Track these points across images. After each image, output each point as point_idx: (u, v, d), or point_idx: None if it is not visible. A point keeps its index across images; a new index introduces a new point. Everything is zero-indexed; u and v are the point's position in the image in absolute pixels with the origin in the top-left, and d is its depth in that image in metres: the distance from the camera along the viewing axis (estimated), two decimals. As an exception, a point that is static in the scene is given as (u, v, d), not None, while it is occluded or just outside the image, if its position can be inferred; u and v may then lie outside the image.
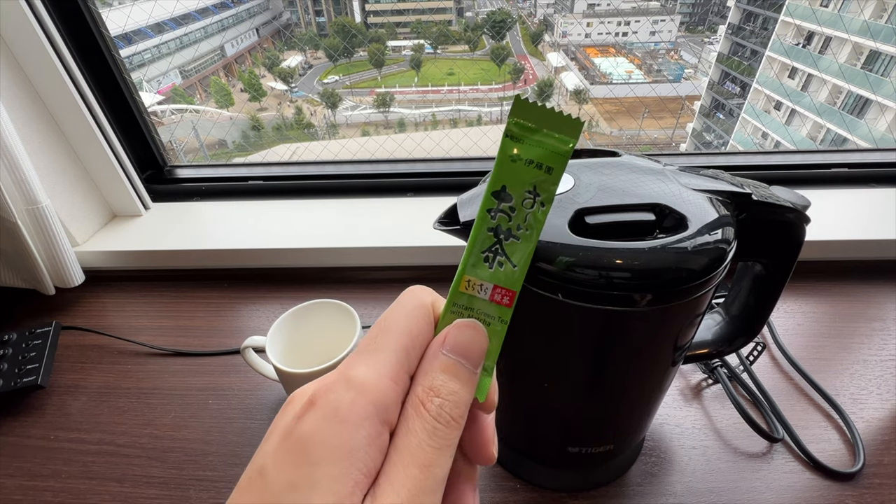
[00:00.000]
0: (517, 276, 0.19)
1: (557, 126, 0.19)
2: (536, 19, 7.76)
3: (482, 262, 0.19)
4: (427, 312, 0.19)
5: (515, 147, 0.19)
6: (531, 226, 0.19)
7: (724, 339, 0.42)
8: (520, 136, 0.19)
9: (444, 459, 0.17)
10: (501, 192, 0.19)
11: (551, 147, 0.19)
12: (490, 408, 0.20)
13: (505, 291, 0.19)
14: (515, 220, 0.19)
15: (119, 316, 0.66)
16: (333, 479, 0.15)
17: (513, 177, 0.19)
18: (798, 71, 5.06)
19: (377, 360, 0.17)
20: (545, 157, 0.18)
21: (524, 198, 0.19)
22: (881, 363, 0.54)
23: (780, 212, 0.34)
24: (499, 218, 0.19)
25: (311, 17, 7.10)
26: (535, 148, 0.19)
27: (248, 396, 0.54)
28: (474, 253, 0.19)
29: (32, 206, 0.58)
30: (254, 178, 0.80)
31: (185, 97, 4.42)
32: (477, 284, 0.19)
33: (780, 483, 0.44)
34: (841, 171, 0.75)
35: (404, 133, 5.49)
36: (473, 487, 0.20)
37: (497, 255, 0.19)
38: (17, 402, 0.54)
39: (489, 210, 0.19)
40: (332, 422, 0.16)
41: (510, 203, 0.19)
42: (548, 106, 0.18)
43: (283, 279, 0.70)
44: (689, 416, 0.50)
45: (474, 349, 0.18)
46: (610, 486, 0.44)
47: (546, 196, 0.19)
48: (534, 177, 0.19)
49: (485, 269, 0.19)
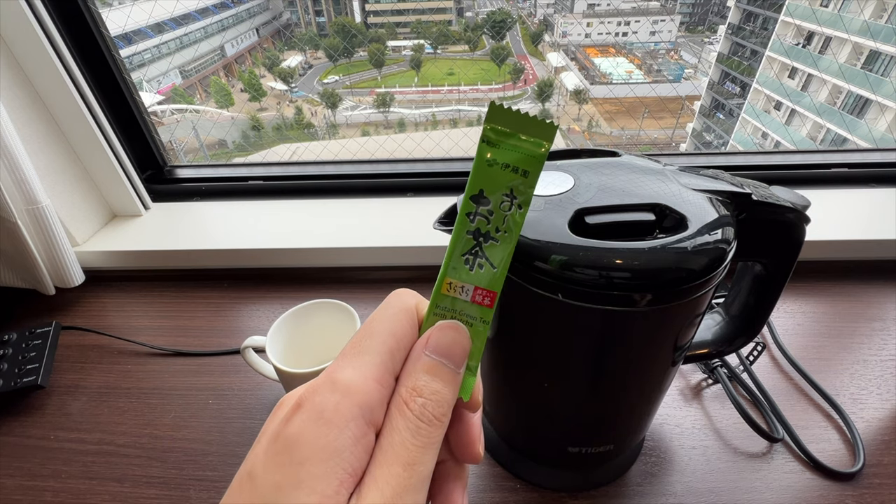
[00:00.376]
0: (497, 277, 0.19)
1: (532, 130, 0.19)
2: (536, 19, 7.76)
3: (463, 265, 0.19)
4: (411, 315, 0.19)
5: (491, 152, 0.19)
6: (509, 228, 0.19)
7: (724, 339, 0.42)
8: (496, 141, 0.19)
9: (427, 458, 0.17)
10: (479, 196, 0.19)
11: (526, 151, 0.19)
12: (475, 406, 0.20)
13: (486, 293, 0.19)
14: (494, 222, 0.19)
15: (119, 316, 0.66)
16: (318, 479, 0.15)
17: (489, 181, 0.19)
18: (798, 71, 5.06)
19: (362, 363, 0.17)
20: (521, 161, 0.19)
21: (501, 201, 0.19)
22: (881, 363, 0.54)
23: (780, 212, 0.34)
24: (477, 221, 0.19)
25: (311, 17, 7.11)
26: (510, 152, 0.19)
27: (248, 396, 0.54)
28: (455, 256, 0.19)
29: (32, 206, 0.58)
30: (254, 178, 0.80)
31: (185, 97, 4.42)
32: (458, 286, 0.19)
33: (780, 483, 0.44)
34: (841, 171, 0.75)
35: (404, 133, 5.49)
36: (462, 486, 0.21)
37: (477, 257, 0.19)
38: (17, 402, 0.54)
39: (468, 214, 0.19)
40: (317, 423, 0.16)
41: (488, 206, 0.19)
42: (525, 111, 0.19)
43: (283, 279, 0.70)
44: (689, 416, 0.50)
45: (456, 350, 0.19)
46: (610, 486, 0.44)
47: (523, 199, 0.19)
48: (510, 180, 0.19)
49: (465, 271, 0.19)
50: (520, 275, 0.30)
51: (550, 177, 0.34)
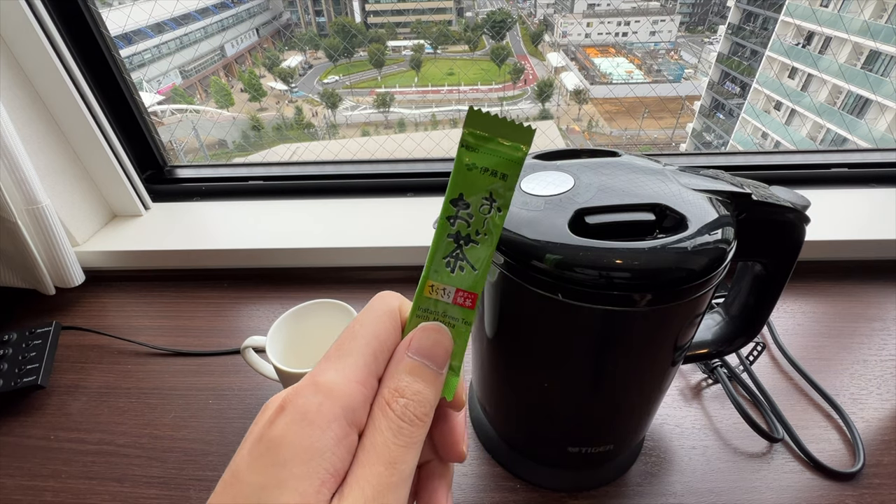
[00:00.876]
0: (478, 279, 0.20)
1: (510, 134, 0.19)
2: (536, 19, 7.76)
3: (444, 267, 0.20)
4: (394, 317, 0.20)
5: (470, 156, 0.19)
6: (489, 230, 0.20)
7: (724, 339, 0.42)
8: (474, 146, 0.19)
9: (409, 457, 0.17)
10: (459, 200, 0.20)
11: (505, 155, 0.19)
12: (459, 406, 0.20)
13: (467, 294, 0.20)
14: (474, 225, 0.20)
15: (119, 316, 0.66)
16: (300, 479, 0.15)
17: (469, 185, 0.19)
18: (798, 71, 5.06)
19: (345, 365, 0.18)
20: (499, 165, 0.19)
21: (481, 204, 0.19)
22: (881, 363, 0.54)
23: (779, 212, 0.34)
24: (458, 224, 0.20)
25: (311, 17, 7.11)
26: (489, 156, 0.19)
27: (248, 396, 0.54)
28: (437, 259, 0.20)
29: (32, 206, 0.58)
30: (254, 178, 0.80)
31: (185, 97, 4.42)
32: (440, 288, 0.20)
33: (780, 483, 0.44)
34: (841, 171, 0.75)
35: (404, 133, 5.49)
36: (447, 485, 0.21)
37: (458, 259, 0.20)
38: (17, 402, 0.54)
39: (448, 217, 0.20)
40: (300, 424, 0.16)
41: (468, 210, 0.19)
42: (503, 116, 0.19)
43: (283, 279, 0.70)
44: (689, 416, 0.50)
45: (438, 351, 0.19)
46: (610, 486, 0.44)
47: (502, 202, 0.19)
48: (489, 184, 0.19)
49: (447, 273, 0.20)
50: (520, 275, 0.30)
51: (550, 177, 0.34)
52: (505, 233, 0.30)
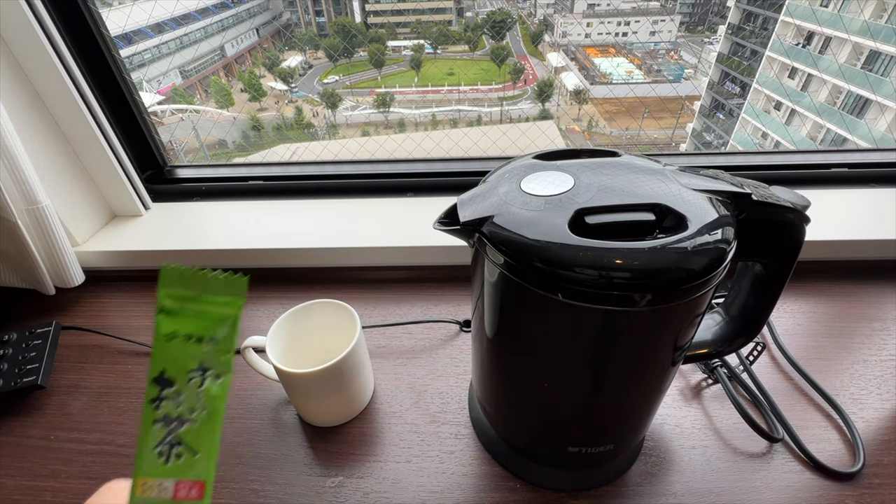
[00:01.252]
0: (203, 464, 0.17)
1: (219, 288, 0.17)
2: (536, 19, 7.77)
3: (157, 459, 0.17)
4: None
5: (171, 323, 0.17)
6: (207, 405, 0.17)
7: (724, 339, 0.42)
8: (175, 309, 0.17)
9: None
10: (161, 379, 0.17)
11: (214, 315, 0.17)
12: None
13: (192, 484, 0.17)
14: (186, 403, 0.17)
15: (119, 316, 0.66)
16: None
17: (171, 359, 0.17)
18: (798, 71, 5.06)
19: None
20: (208, 328, 0.17)
21: (189, 378, 0.17)
22: (881, 363, 0.54)
23: (779, 212, 0.34)
24: (165, 406, 0.17)
25: (311, 17, 7.11)
26: (194, 320, 0.17)
27: (248, 396, 0.54)
28: (146, 451, 0.17)
29: (32, 206, 0.58)
30: (254, 178, 0.80)
31: (185, 97, 4.42)
32: (154, 485, 0.17)
33: (780, 483, 0.44)
34: (841, 171, 0.75)
35: (404, 133, 5.49)
36: None
37: (174, 446, 0.17)
38: (17, 402, 0.54)
39: (152, 401, 0.17)
40: None
41: (173, 388, 0.17)
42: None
43: (283, 279, 0.70)
44: (689, 416, 0.50)
45: None
46: (610, 486, 0.44)
47: (220, 368, 0.17)
48: (196, 353, 0.17)
49: (160, 466, 0.17)
50: (520, 275, 0.30)
51: (550, 177, 0.34)
52: (505, 233, 0.30)
